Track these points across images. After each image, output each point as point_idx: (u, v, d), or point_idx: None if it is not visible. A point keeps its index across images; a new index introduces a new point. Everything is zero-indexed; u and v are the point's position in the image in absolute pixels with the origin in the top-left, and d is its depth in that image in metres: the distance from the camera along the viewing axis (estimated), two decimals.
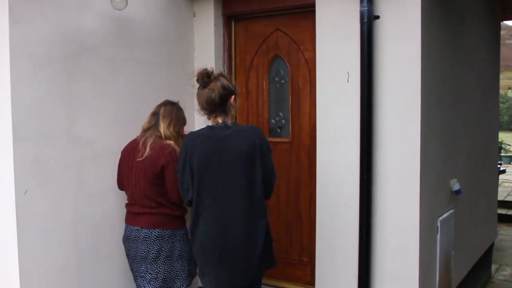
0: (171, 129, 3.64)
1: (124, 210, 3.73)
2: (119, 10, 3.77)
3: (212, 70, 3.18)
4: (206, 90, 3.14)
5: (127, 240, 3.66)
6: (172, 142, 3.61)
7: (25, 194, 3.34)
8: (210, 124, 3.21)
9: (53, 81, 3.51)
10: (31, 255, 3.40)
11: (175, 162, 3.49)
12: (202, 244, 3.14)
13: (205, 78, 3.14)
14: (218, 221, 3.09)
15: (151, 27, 4.34)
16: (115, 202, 3.93)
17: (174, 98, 3.90)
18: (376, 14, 3.83)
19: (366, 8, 3.78)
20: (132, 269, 3.70)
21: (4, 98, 3.26)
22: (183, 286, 3.64)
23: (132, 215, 3.64)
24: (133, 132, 3.82)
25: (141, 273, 3.60)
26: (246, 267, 3.11)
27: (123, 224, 3.74)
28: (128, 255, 3.69)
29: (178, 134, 3.69)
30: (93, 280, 3.84)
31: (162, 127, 3.63)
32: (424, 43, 3.77)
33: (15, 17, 3.24)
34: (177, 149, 3.55)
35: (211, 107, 3.16)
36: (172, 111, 3.72)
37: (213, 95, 3.13)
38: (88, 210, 3.78)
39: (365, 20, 3.80)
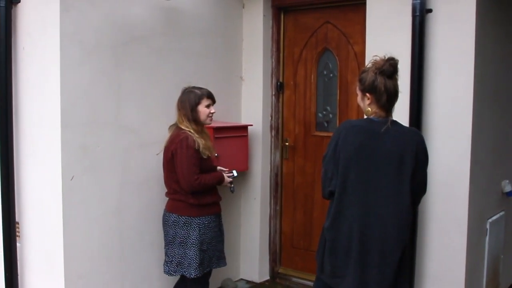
0: (184, 122, 3.60)
1: (166, 199, 3.77)
2: (168, 0, 3.79)
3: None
4: (385, 80, 2.81)
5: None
6: (191, 130, 3.57)
7: (71, 179, 3.40)
8: (371, 117, 2.87)
9: (102, 69, 3.57)
10: (76, 240, 3.48)
11: (183, 149, 3.48)
12: (338, 243, 2.83)
13: (391, 70, 2.82)
14: (360, 222, 2.77)
15: (199, 18, 4.34)
16: (159, 190, 3.95)
17: (221, 89, 3.81)
18: (429, 7, 3.72)
19: (419, 1, 3.68)
20: None
21: (53, 85, 3.34)
22: (195, 275, 3.59)
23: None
24: None
25: (164, 254, 3.73)
26: (380, 276, 2.76)
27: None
28: None
29: (195, 121, 3.62)
30: (135, 267, 3.90)
31: (178, 120, 3.68)
32: (479, 39, 3.64)
33: (66, 5, 3.30)
34: (191, 137, 3.52)
35: (378, 96, 2.82)
36: (178, 103, 3.69)
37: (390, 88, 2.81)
38: (132, 198, 3.84)
39: (417, 14, 3.70)
